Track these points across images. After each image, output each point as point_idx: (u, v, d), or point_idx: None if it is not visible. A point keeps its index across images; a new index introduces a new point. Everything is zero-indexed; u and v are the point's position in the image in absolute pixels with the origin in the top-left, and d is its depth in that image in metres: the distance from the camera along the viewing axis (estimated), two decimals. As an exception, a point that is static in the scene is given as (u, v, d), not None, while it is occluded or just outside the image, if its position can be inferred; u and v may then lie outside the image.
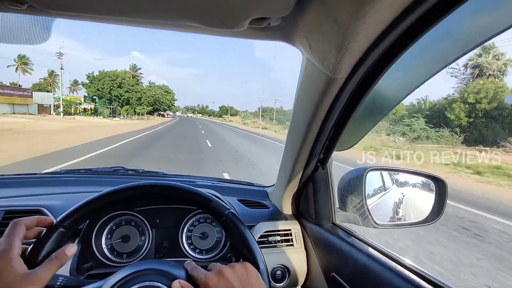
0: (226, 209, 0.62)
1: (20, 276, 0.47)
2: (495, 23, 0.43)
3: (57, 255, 0.52)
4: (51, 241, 0.53)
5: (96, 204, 0.60)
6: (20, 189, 1.06)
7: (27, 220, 0.54)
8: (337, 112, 0.74)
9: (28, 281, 0.47)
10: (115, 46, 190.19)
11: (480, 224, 4.36)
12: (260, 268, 0.57)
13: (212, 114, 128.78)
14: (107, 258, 0.86)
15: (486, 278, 2.78)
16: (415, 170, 1.01)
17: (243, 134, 24.71)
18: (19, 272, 0.47)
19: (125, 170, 1.36)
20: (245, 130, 34.61)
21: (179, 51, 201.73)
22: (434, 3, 0.41)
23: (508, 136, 15.84)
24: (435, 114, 24.19)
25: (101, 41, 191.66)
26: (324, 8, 0.47)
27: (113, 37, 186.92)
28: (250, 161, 9.04)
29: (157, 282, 0.53)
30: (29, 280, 0.47)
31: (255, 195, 1.25)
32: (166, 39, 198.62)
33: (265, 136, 23.38)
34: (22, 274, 0.47)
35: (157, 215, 0.94)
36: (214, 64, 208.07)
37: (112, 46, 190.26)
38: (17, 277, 0.46)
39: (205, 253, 0.95)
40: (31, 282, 0.47)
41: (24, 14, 0.58)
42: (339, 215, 0.98)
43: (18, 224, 0.52)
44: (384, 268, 0.70)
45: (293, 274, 0.98)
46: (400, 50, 0.51)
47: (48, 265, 0.50)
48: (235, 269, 0.54)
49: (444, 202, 0.91)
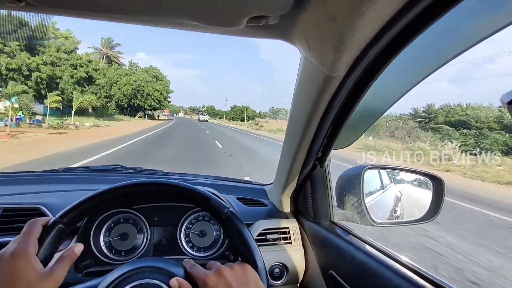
0: (225, 208, 0.63)
1: (39, 275, 0.47)
2: (492, 22, 0.44)
3: (68, 254, 0.53)
4: (50, 238, 0.53)
5: (95, 201, 0.60)
6: (18, 186, 1.06)
7: (44, 220, 0.55)
8: (335, 110, 0.74)
9: (48, 280, 0.48)
10: (121, 47, 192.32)
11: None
12: (258, 267, 0.58)
13: (222, 115, 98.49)
14: (105, 255, 0.87)
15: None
16: (412, 168, 1.02)
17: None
18: (38, 271, 0.48)
19: (124, 168, 1.36)
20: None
21: (184, 52, 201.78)
22: (431, 2, 0.41)
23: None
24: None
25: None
26: (322, 6, 0.47)
27: (118, 38, 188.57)
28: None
29: (155, 280, 0.53)
30: (48, 279, 0.48)
31: (254, 193, 1.25)
32: (171, 40, 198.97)
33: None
34: (41, 273, 0.48)
35: (155, 213, 0.94)
36: (220, 65, 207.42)
37: (118, 48, 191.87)
38: (37, 276, 0.47)
39: (204, 251, 0.95)
40: (51, 281, 0.48)
41: (22, 11, 0.58)
42: (337, 213, 0.99)
43: (35, 223, 0.53)
44: (381, 265, 0.70)
45: (291, 272, 0.98)
46: (398, 48, 0.51)
47: (62, 263, 0.52)
48: (234, 269, 0.55)
49: (441, 200, 0.92)
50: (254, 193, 1.25)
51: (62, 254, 0.53)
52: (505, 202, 6.55)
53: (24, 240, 0.50)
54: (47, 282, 0.47)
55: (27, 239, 0.50)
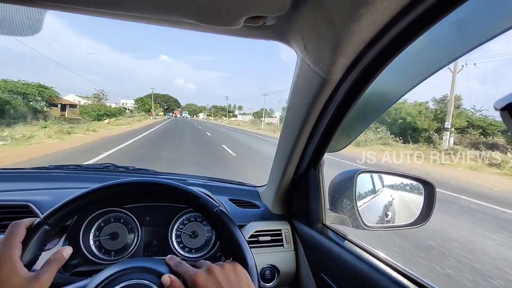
0: (215, 206, 0.62)
1: (25, 280, 0.46)
2: (487, 28, 0.44)
3: (56, 257, 0.51)
4: (34, 240, 0.51)
5: (82, 202, 0.58)
6: (7, 183, 1.04)
7: (28, 221, 0.52)
8: (330, 113, 0.74)
9: (34, 285, 0.46)
10: (145, 50, 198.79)
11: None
12: (249, 266, 0.57)
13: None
14: (94, 255, 0.85)
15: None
16: (405, 173, 1.03)
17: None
18: (23, 276, 0.46)
19: (115, 167, 1.35)
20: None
21: (205, 54, 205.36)
22: (428, 7, 0.42)
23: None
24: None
25: (130, 46, 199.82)
26: (320, 9, 0.47)
27: (141, 41, 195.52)
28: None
29: (144, 280, 0.52)
30: (34, 284, 0.46)
31: (247, 194, 1.24)
32: (194, 43, 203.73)
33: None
34: (27, 278, 0.46)
35: (146, 213, 0.93)
36: (240, 66, 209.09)
37: (141, 50, 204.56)
38: (22, 281, 0.45)
39: (195, 252, 0.94)
40: (37, 286, 0.46)
41: (16, 5, 0.57)
42: (330, 216, 0.99)
43: (18, 226, 0.51)
44: (372, 269, 0.70)
45: (282, 274, 0.98)
46: (394, 52, 0.52)
47: (48, 267, 0.50)
48: (225, 268, 0.54)
49: (432, 206, 0.92)
50: (247, 194, 1.25)
51: (50, 258, 0.51)
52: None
53: (8, 244, 0.47)
54: (33, 287, 0.46)
55: (10, 243, 0.48)
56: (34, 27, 0.67)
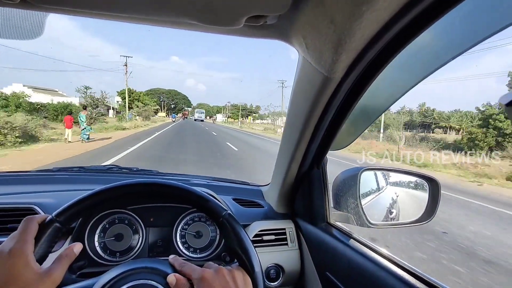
0: (223, 210, 0.62)
1: (38, 275, 0.46)
2: (489, 25, 0.44)
3: (67, 253, 0.52)
4: (46, 236, 0.52)
5: (91, 201, 0.59)
6: (12, 186, 1.05)
7: (40, 218, 0.53)
8: (333, 112, 0.74)
9: (46, 280, 0.46)
10: (156, 52, 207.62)
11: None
12: (256, 271, 0.57)
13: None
14: (99, 256, 0.85)
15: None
16: (408, 170, 1.02)
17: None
18: (36, 271, 0.46)
19: (119, 169, 1.35)
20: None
21: (216, 55, 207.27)
22: (430, 4, 0.41)
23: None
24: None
25: (141, 47, 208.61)
26: (321, 7, 0.47)
27: (152, 43, 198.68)
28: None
29: (150, 280, 0.52)
30: (46, 279, 0.46)
31: (250, 194, 1.24)
32: (204, 44, 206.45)
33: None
34: (40, 273, 0.47)
35: (151, 214, 0.93)
36: (250, 68, 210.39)
37: (152, 52, 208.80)
38: (35, 276, 0.46)
39: (199, 252, 0.94)
40: (48, 281, 0.46)
41: (17, 9, 0.57)
42: (334, 215, 0.99)
43: (31, 221, 0.51)
44: (378, 267, 0.70)
45: (287, 273, 0.98)
46: (396, 50, 0.52)
47: (60, 263, 0.50)
48: (233, 272, 0.55)
49: (437, 202, 0.92)
50: (251, 194, 1.25)
51: (61, 254, 0.51)
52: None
53: (22, 239, 0.48)
54: (45, 283, 0.46)
55: (24, 237, 0.48)
56: (35, 30, 0.67)
